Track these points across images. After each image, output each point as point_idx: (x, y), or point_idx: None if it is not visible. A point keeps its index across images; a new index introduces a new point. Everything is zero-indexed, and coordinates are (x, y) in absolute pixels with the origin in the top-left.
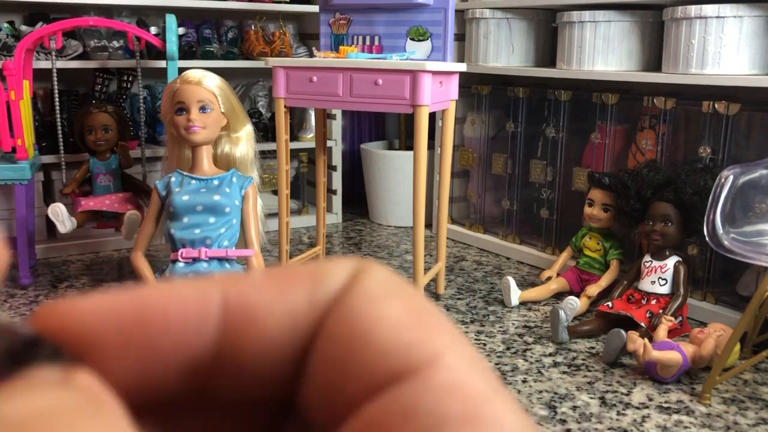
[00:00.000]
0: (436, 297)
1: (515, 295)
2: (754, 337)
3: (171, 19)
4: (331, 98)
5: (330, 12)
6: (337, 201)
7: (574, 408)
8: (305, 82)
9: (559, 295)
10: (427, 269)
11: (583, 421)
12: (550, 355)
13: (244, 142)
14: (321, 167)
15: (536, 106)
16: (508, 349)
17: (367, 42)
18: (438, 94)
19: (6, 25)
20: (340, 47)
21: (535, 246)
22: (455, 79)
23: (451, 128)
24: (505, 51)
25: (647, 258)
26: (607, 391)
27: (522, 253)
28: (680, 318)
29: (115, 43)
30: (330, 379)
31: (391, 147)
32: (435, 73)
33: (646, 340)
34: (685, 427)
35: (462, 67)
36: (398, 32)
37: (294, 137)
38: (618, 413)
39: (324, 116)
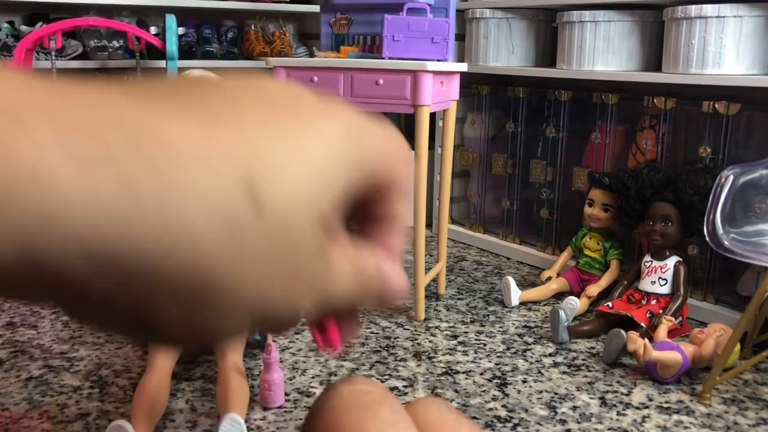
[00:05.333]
0: (436, 297)
1: (515, 295)
2: (754, 337)
3: (171, 19)
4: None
5: (331, 12)
6: None
7: (574, 408)
8: (306, 82)
9: (559, 295)
10: (427, 269)
11: (583, 421)
12: (550, 355)
13: None
14: None
15: (536, 106)
16: (508, 349)
17: (368, 42)
18: (439, 94)
19: (6, 25)
20: (341, 47)
21: (535, 246)
22: (456, 79)
23: (451, 128)
24: (505, 51)
25: (647, 258)
26: (607, 391)
27: (522, 253)
28: (680, 318)
29: (115, 43)
30: None
31: None
32: (436, 73)
33: (646, 340)
34: (686, 428)
35: (462, 67)
36: None
37: None
38: (618, 413)
39: None
